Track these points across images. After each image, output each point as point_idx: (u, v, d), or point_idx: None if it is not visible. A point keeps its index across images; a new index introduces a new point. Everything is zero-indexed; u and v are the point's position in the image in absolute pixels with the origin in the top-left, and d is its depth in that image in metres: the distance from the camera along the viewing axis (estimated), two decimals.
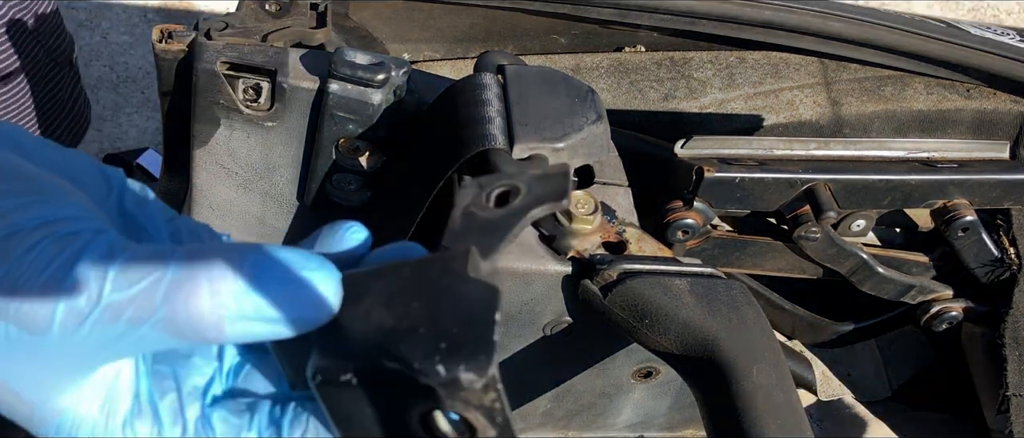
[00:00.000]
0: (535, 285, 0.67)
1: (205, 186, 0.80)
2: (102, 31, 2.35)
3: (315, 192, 0.78)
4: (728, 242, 0.86)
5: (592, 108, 0.70)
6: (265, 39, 0.74)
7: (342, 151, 0.75)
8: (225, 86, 0.72)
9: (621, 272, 0.65)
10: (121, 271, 0.33)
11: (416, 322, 0.35)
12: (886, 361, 1.08)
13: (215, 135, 0.75)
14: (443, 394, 0.33)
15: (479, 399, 0.33)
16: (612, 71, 1.00)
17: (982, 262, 0.89)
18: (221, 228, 0.83)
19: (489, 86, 0.69)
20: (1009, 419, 0.89)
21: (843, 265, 0.88)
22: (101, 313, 0.33)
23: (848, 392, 1.03)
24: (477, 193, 0.42)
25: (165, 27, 0.75)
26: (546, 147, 0.67)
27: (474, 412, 0.34)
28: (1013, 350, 0.89)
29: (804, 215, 0.82)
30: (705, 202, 0.79)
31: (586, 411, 0.83)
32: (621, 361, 0.77)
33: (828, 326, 0.99)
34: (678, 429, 0.90)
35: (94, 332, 0.33)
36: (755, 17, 0.95)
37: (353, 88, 0.70)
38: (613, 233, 0.70)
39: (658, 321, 0.63)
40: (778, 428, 0.57)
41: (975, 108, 1.01)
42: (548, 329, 0.71)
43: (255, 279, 0.34)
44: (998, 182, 0.83)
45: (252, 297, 0.34)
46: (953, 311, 0.92)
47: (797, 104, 0.99)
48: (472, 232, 0.40)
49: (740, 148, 0.81)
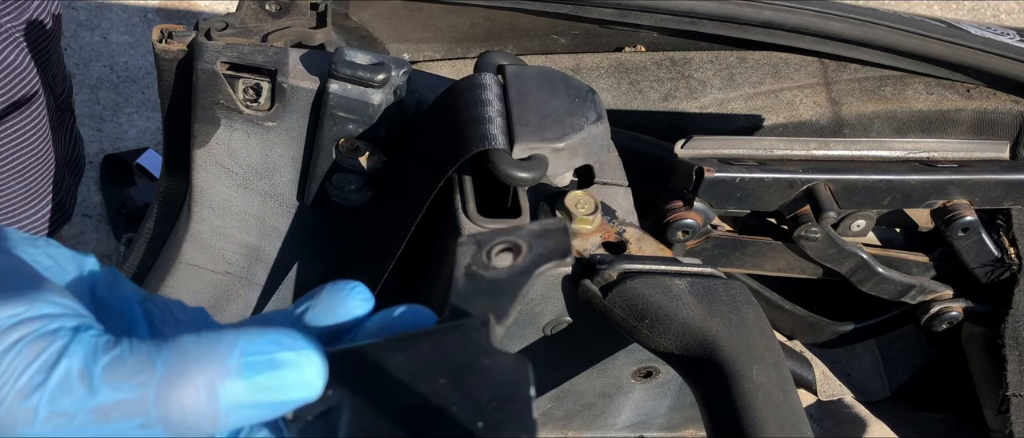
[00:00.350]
0: (535, 285, 0.67)
1: (205, 186, 0.80)
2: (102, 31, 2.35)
3: (315, 192, 0.78)
4: (728, 242, 0.86)
5: (592, 108, 0.70)
6: (265, 39, 0.74)
7: (342, 151, 0.75)
8: (225, 86, 0.72)
9: (621, 272, 0.65)
10: (107, 372, 0.33)
11: (448, 401, 0.35)
12: (886, 361, 1.08)
13: (215, 135, 0.75)
14: None
15: None
16: (612, 71, 1.00)
17: (982, 262, 0.89)
18: (221, 228, 0.83)
19: (489, 86, 0.69)
20: (1009, 419, 0.89)
21: (843, 265, 0.88)
22: (89, 415, 0.32)
23: (848, 392, 1.03)
24: (476, 251, 0.42)
25: (165, 27, 0.75)
26: (546, 147, 0.67)
27: None
28: (1013, 350, 0.89)
29: (804, 215, 0.82)
30: (705, 202, 0.79)
31: (586, 411, 0.83)
32: (621, 361, 0.77)
33: (828, 326, 0.99)
34: (678, 429, 0.90)
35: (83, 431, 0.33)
36: (755, 17, 0.95)
37: (353, 88, 0.70)
38: (613, 233, 0.70)
39: (658, 321, 0.63)
40: (778, 428, 0.57)
41: (975, 108, 1.01)
42: (548, 329, 0.71)
43: (246, 369, 0.34)
44: (998, 182, 0.83)
45: (245, 387, 0.34)
46: (953, 311, 0.92)
47: (797, 104, 0.99)
48: (480, 295, 0.40)
49: (740, 148, 0.81)
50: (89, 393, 0.32)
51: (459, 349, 0.37)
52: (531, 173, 0.65)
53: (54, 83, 1.23)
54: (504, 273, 0.42)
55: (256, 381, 0.34)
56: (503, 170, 0.65)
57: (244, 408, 0.34)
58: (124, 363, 0.33)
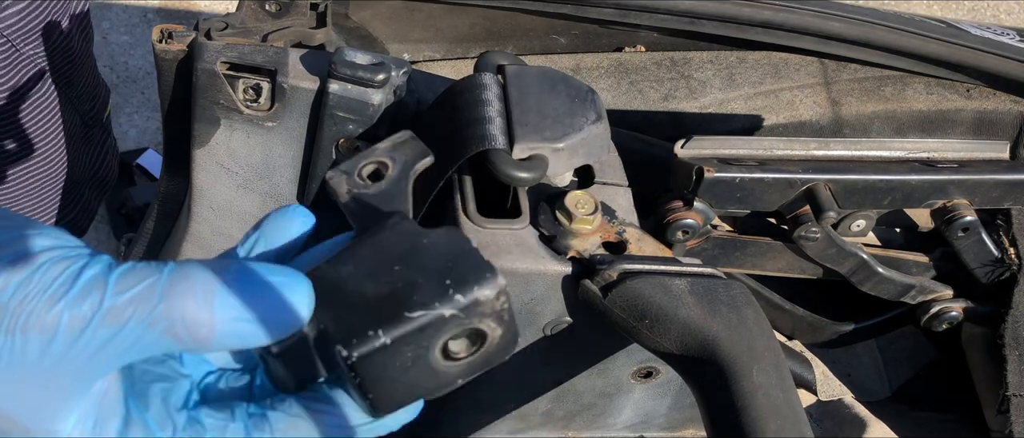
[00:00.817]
0: (535, 285, 0.67)
1: (205, 186, 0.80)
2: (102, 31, 2.35)
3: (315, 192, 0.78)
4: (728, 242, 0.86)
5: (592, 108, 0.70)
6: (265, 39, 0.74)
7: (342, 151, 0.75)
8: (225, 86, 0.72)
9: (621, 272, 0.65)
10: (120, 279, 0.37)
11: (412, 278, 0.40)
12: (886, 361, 1.08)
13: (215, 135, 0.75)
14: (464, 316, 0.39)
15: (493, 307, 0.39)
16: (612, 71, 1.00)
17: (982, 262, 0.89)
18: (221, 228, 0.83)
19: (489, 86, 0.69)
20: (1009, 419, 0.89)
21: (843, 265, 0.88)
22: (104, 316, 0.37)
23: (848, 392, 1.03)
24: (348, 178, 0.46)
25: (165, 27, 0.75)
26: (546, 147, 0.67)
27: (488, 321, 0.39)
28: (1013, 350, 0.89)
29: (804, 215, 0.82)
30: (705, 202, 0.79)
31: (586, 411, 0.83)
32: (621, 361, 0.77)
33: (828, 326, 0.99)
34: (678, 429, 0.90)
35: (97, 335, 0.36)
36: (755, 17, 0.95)
37: (353, 88, 0.70)
38: (613, 233, 0.70)
39: (658, 321, 0.63)
40: (778, 428, 0.57)
41: (975, 108, 1.01)
42: (548, 329, 0.71)
43: (239, 285, 0.38)
44: (998, 182, 0.83)
45: (237, 300, 0.38)
46: (953, 311, 0.92)
47: (797, 104, 0.99)
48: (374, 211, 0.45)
49: (740, 148, 0.81)
50: (105, 297, 0.37)
51: (396, 241, 0.42)
52: (531, 173, 0.65)
53: (81, 101, 1.23)
54: (385, 184, 0.46)
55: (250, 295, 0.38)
56: (503, 170, 0.65)
57: (236, 320, 0.38)
58: (135, 271, 0.38)
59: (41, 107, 1.14)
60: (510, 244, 0.67)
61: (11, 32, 1.06)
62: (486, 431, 0.84)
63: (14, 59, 1.08)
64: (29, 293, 0.36)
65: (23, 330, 0.36)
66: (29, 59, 1.10)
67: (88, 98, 1.26)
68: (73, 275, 0.37)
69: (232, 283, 0.38)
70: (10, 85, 1.09)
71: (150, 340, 0.37)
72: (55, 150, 1.20)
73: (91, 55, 1.26)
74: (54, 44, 1.13)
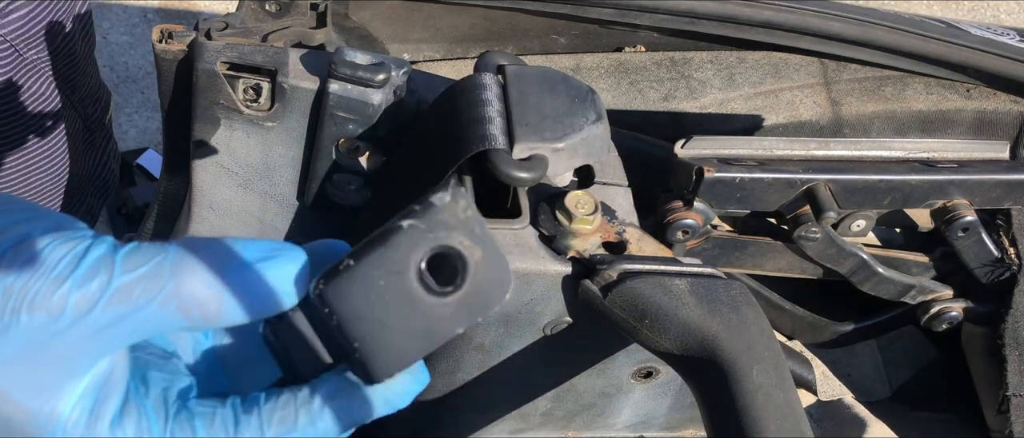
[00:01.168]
0: (535, 285, 0.67)
1: (205, 186, 0.80)
2: (102, 31, 2.35)
3: (315, 192, 0.78)
4: (728, 242, 0.86)
5: (592, 108, 0.70)
6: (265, 39, 0.74)
7: (342, 151, 0.75)
8: (225, 86, 0.72)
9: (621, 272, 0.65)
10: (127, 258, 0.37)
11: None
12: (886, 361, 1.08)
13: (215, 135, 0.75)
14: (425, 227, 0.36)
15: (455, 214, 0.37)
16: (612, 71, 1.00)
17: (982, 262, 0.89)
18: (221, 228, 0.83)
19: (489, 86, 0.69)
20: (1009, 419, 0.89)
21: (843, 265, 0.88)
22: (112, 295, 0.37)
23: (848, 392, 1.03)
24: None
25: (165, 27, 0.75)
26: (546, 147, 0.67)
27: (458, 235, 0.37)
28: (1013, 350, 0.89)
29: (804, 215, 0.82)
30: (705, 202, 0.79)
31: (586, 411, 0.83)
32: (621, 361, 0.77)
33: (828, 326, 0.99)
34: (678, 429, 0.90)
35: (105, 314, 0.36)
36: (755, 17, 0.95)
37: (353, 88, 0.70)
38: (613, 233, 0.70)
39: (658, 321, 0.63)
40: (778, 428, 0.57)
41: (975, 108, 1.01)
42: (548, 329, 0.71)
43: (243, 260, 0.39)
44: (998, 182, 0.83)
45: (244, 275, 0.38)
46: (953, 311, 0.92)
47: (797, 104, 0.99)
48: None
49: (740, 148, 0.81)
50: (113, 276, 0.37)
51: None
52: (531, 173, 0.65)
53: (83, 105, 1.24)
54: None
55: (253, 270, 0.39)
56: (503, 170, 0.65)
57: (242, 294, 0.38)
58: (141, 251, 0.38)
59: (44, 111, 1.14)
60: (510, 244, 0.67)
61: (14, 37, 1.06)
62: (486, 431, 0.84)
63: (17, 63, 1.08)
64: (34, 274, 0.36)
65: (29, 310, 0.36)
66: (32, 63, 1.10)
67: (90, 101, 1.26)
68: (78, 255, 0.37)
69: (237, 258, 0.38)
70: (13, 89, 1.09)
71: (161, 318, 0.37)
72: (58, 154, 1.20)
73: (93, 59, 1.26)
74: (57, 48, 1.13)
